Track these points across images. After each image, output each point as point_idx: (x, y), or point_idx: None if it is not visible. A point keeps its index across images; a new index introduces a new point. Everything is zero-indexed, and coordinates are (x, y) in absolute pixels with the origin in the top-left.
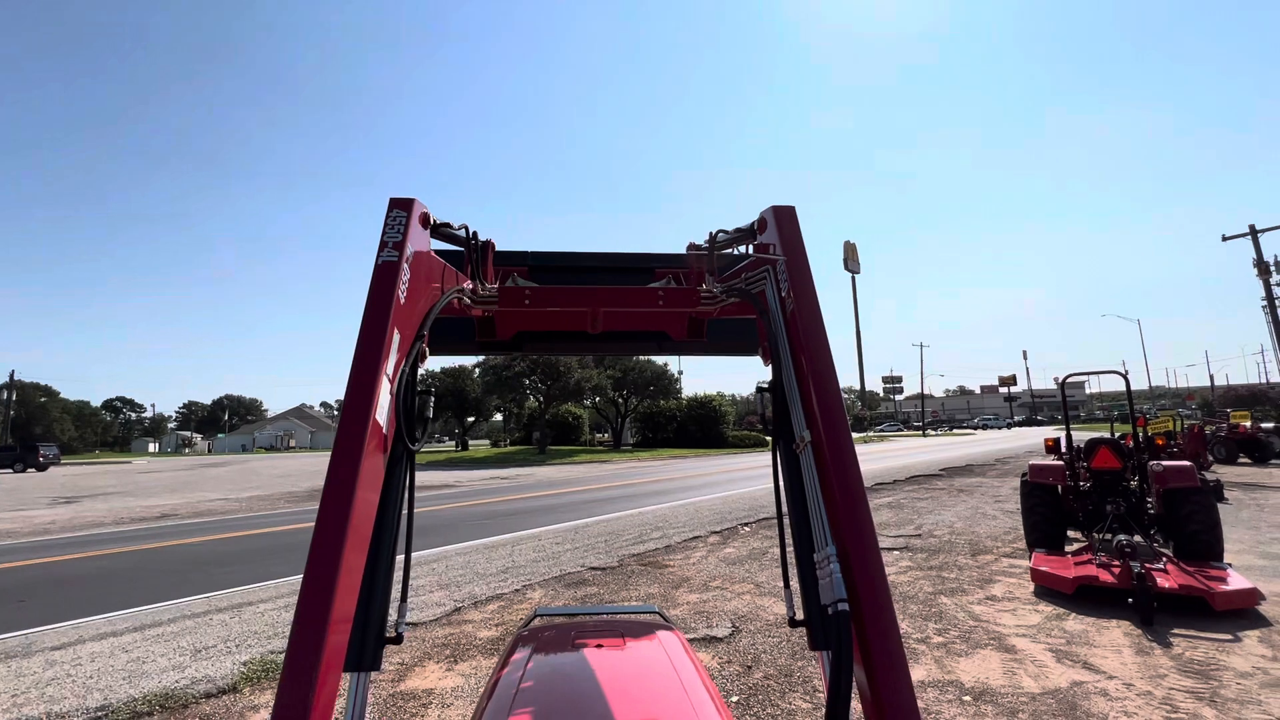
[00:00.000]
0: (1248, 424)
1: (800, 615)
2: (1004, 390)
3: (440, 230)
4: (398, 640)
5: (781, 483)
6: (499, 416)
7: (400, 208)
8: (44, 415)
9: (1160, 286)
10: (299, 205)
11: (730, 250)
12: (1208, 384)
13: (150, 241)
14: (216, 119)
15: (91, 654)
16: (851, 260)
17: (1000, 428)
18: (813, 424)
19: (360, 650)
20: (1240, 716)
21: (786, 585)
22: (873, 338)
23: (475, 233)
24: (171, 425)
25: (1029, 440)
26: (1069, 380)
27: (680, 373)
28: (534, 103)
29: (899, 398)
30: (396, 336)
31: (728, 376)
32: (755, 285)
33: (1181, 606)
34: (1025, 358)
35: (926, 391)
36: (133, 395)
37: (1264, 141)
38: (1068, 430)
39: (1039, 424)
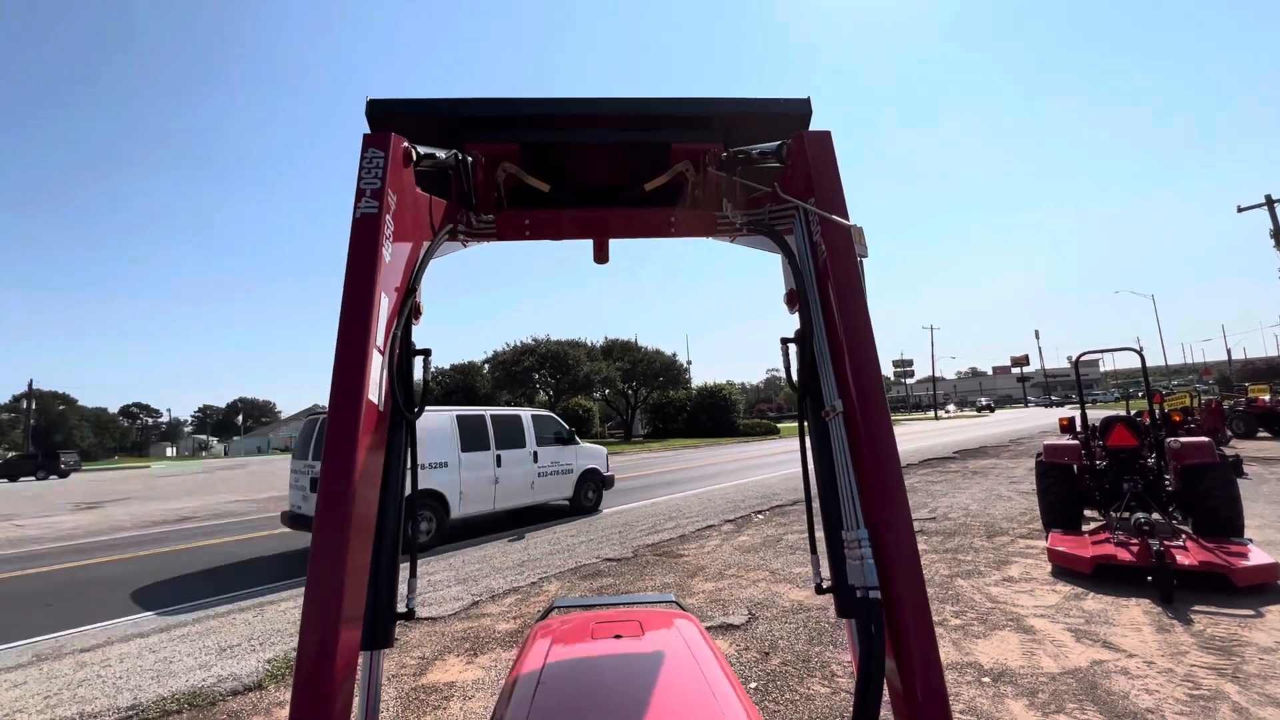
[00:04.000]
0: (1266, 397)
1: (827, 583)
2: (1016, 370)
3: (424, 161)
4: (409, 616)
5: (809, 448)
6: None
7: (376, 146)
8: (63, 423)
9: (1175, 261)
10: (305, 199)
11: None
12: (1225, 358)
13: (157, 245)
14: (222, 117)
15: (120, 655)
16: (859, 244)
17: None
18: (845, 392)
19: (372, 629)
20: (1264, 692)
21: (814, 551)
22: (882, 321)
23: (466, 159)
24: (188, 429)
25: (1026, 424)
26: (1083, 359)
27: (689, 362)
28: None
29: (910, 381)
30: (384, 300)
31: (737, 365)
32: (781, 221)
33: (1202, 583)
34: (1038, 337)
35: (938, 374)
36: (149, 401)
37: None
38: (1082, 409)
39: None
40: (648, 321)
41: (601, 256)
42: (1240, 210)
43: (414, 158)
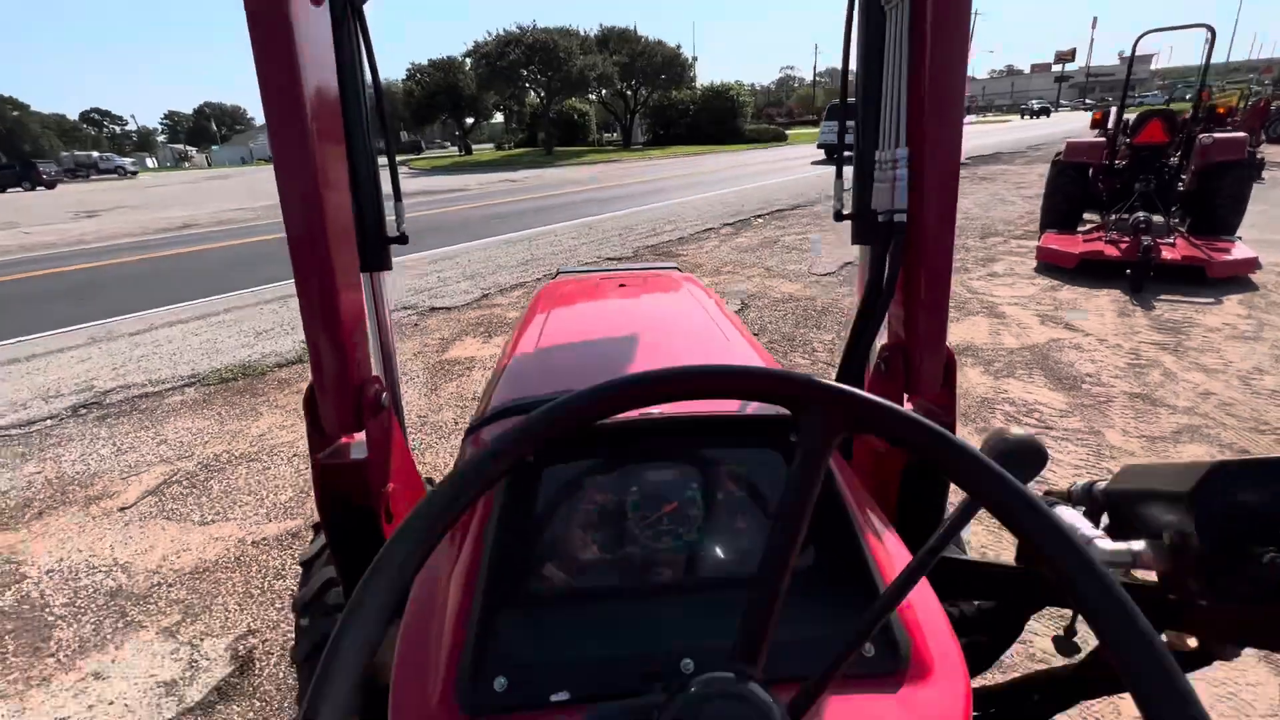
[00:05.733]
0: None
1: (848, 210)
2: (1057, 68)
3: None
4: (403, 240)
5: (853, 41)
6: (500, 117)
7: None
8: (24, 131)
9: None
10: None
11: None
12: None
13: None
14: None
15: (167, 337)
16: None
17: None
18: None
19: (364, 251)
20: (1196, 362)
21: (839, 177)
22: None
23: None
24: (160, 138)
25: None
26: (1145, 38)
27: (695, 58)
28: None
29: None
30: None
31: (747, 65)
32: None
33: (1180, 277)
34: (1094, 25)
35: (970, 74)
36: (108, 107)
37: None
38: (1123, 102)
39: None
40: (648, 3)
41: None
42: None
43: None
